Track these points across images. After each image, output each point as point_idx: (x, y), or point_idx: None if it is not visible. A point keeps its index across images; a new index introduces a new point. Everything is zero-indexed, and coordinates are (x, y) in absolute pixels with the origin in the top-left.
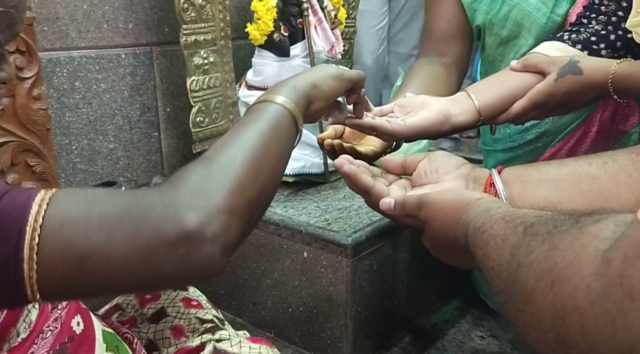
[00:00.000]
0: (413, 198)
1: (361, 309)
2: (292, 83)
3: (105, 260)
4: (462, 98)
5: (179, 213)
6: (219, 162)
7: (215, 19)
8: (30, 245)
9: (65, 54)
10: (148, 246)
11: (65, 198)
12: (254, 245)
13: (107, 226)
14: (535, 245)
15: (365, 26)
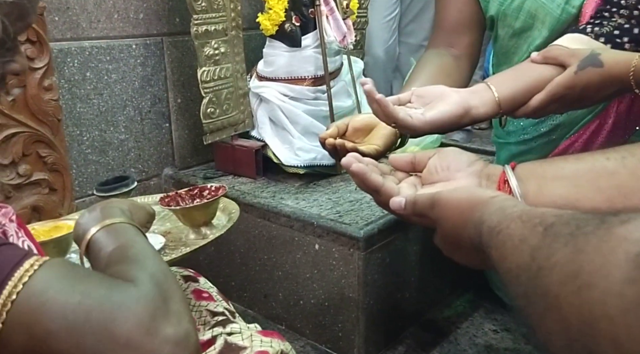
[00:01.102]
0: (425, 197)
1: (373, 303)
2: (115, 209)
3: (74, 343)
4: (482, 90)
5: (159, 314)
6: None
7: (226, 8)
8: (4, 301)
9: (76, 44)
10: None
11: (57, 266)
12: (265, 236)
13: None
14: (557, 247)
15: (376, 17)
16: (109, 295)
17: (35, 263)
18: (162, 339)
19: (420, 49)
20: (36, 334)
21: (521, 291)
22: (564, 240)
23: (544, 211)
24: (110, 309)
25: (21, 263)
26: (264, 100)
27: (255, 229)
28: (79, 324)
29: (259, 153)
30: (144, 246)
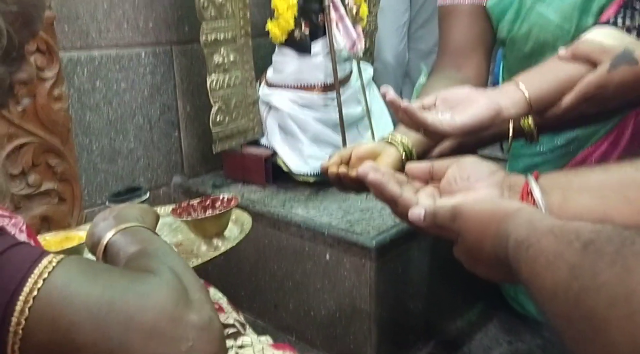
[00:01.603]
0: (445, 208)
1: (385, 314)
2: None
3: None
4: (512, 90)
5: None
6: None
7: (235, 16)
8: (26, 298)
9: (86, 54)
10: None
11: (75, 262)
12: (275, 246)
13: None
14: (602, 266)
15: (386, 23)
16: (131, 285)
17: (53, 259)
18: (187, 325)
19: (430, 55)
20: (60, 327)
21: (559, 312)
22: (610, 259)
23: (578, 226)
24: (134, 298)
25: (39, 260)
26: (274, 108)
27: (265, 238)
28: (102, 315)
29: (268, 161)
30: (162, 244)
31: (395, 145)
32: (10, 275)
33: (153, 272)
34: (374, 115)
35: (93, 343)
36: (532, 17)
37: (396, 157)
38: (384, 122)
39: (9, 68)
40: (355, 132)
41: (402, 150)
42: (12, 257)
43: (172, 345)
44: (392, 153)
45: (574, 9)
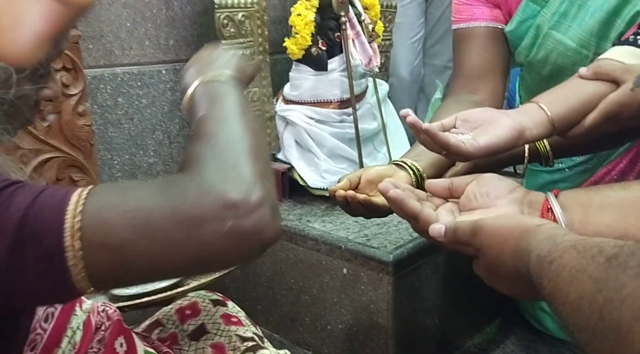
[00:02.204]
0: (466, 224)
1: (403, 329)
2: (219, 61)
3: (148, 241)
4: (534, 111)
5: (215, 187)
6: (224, 137)
7: (254, 34)
8: (71, 233)
9: (109, 71)
10: (191, 220)
11: (102, 188)
12: (292, 260)
13: (145, 207)
14: (626, 279)
15: (401, 38)
16: (161, 191)
17: (82, 192)
18: (221, 207)
19: (445, 71)
20: (113, 247)
21: (584, 324)
22: (633, 272)
23: (600, 241)
24: (167, 202)
25: (69, 197)
26: (290, 123)
27: (282, 252)
28: (143, 225)
29: (285, 175)
30: (229, 106)
31: (406, 168)
32: (49, 217)
33: (188, 168)
34: (389, 130)
35: (146, 250)
36: (549, 44)
37: (407, 180)
38: (400, 137)
39: (35, 86)
40: (371, 147)
41: (412, 173)
42: (45, 200)
43: (214, 229)
44: (402, 176)
45: (592, 36)
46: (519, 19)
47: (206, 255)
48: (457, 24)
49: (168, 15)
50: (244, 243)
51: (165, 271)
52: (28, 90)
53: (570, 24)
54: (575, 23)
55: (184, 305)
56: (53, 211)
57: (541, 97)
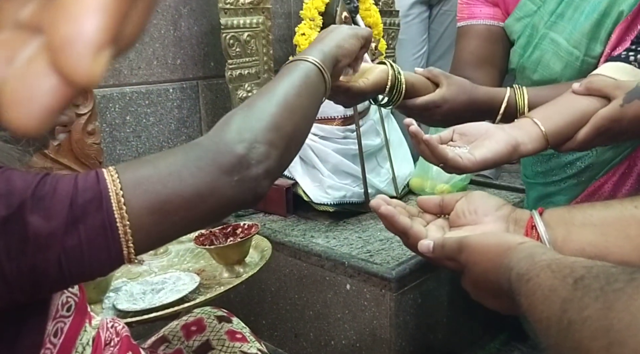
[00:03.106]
0: (452, 240)
1: (405, 344)
2: (319, 47)
3: (182, 199)
4: (528, 125)
5: (228, 146)
6: (257, 105)
7: (259, 53)
8: (118, 206)
9: (118, 90)
10: (212, 178)
11: (130, 165)
12: (296, 275)
13: (176, 171)
14: (588, 302)
15: (405, 54)
16: (186, 156)
17: (112, 171)
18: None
19: None
20: (156, 210)
21: (552, 343)
22: (595, 295)
23: (573, 262)
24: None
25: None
26: None
27: (286, 268)
28: (176, 186)
29: (289, 191)
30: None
31: (386, 63)
32: (93, 199)
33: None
34: (392, 146)
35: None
36: (545, 44)
37: (384, 69)
38: (403, 152)
39: None
40: (375, 163)
41: (390, 69)
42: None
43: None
44: (381, 66)
45: (583, 36)
46: (516, 16)
47: (221, 206)
48: (459, 22)
49: (175, 36)
50: (242, 195)
51: (193, 225)
52: None
53: (566, 24)
54: (570, 24)
55: (189, 321)
56: (96, 191)
57: (535, 112)
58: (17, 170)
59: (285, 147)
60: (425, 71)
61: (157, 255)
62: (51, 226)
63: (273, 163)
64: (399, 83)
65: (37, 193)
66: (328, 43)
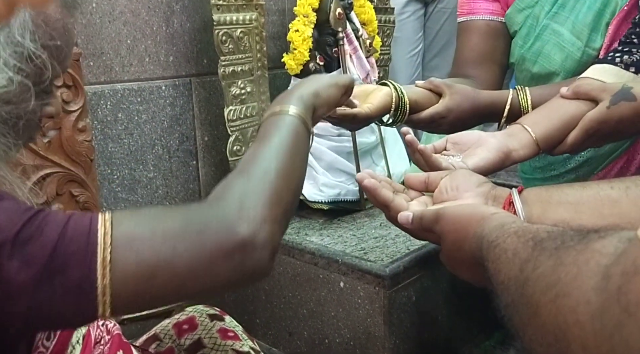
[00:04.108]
0: (430, 211)
1: (399, 342)
2: (297, 94)
3: (172, 273)
4: (519, 132)
5: (232, 225)
6: (256, 175)
7: (252, 49)
8: (102, 264)
9: (109, 87)
10: (210, 256)
11: (127, 218)
12: (289, 274)
13: (172, 241)
14: (542, 260)
15: (400, 52)
16: (185, 225)
17: (105, 223)
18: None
19: None
20: (140, 278)
21: (510, 301)
22: (549, 253)
23: (538, 228)
24: (190, 236)
25: (95, 228)
26: None
27: (279, 266)
28: (169, 257)
29: None
30: (273, 144)
31: (389, 85)
32: (78, 251)
33: (214, 200)
34: (388, 143)
35: (168, 280)
36: (546, 35)
37: (387, 92)
38: (398, 150)
39: (38, 101)
40: (369, 161)
41: (394, 90)
42: (72, 234)
43: (224, 265)
44: (384, 89)
45: (585, 26)
46: (518, 7)
47: (214, 285)
48: (459, 18)
49: (168, 32)
50: (243, 277)
51: (180, 298)
52: (34, 107)
53: (568, 15)
54: (573, 14)
55: (181, 320)
56: (82, 243)
57: (525, 118)
58: (7, 199)
59: (286, 219)
60: (426, 83)
61: None
62: (27, 274)
63: (277, 242)
64: (403, 103)
65: (22, 235)
66: (306, 90)
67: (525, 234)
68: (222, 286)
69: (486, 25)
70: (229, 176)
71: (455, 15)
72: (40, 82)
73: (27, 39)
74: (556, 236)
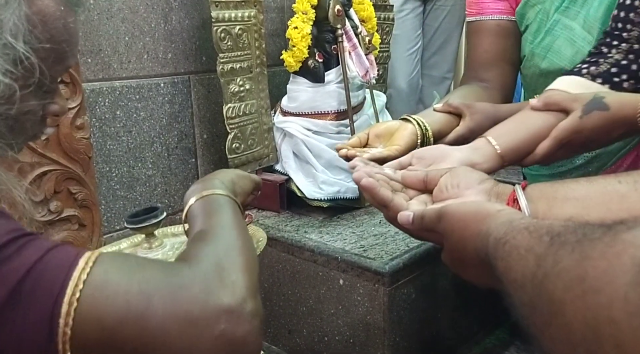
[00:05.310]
0: (432, 210)
1: (399, 340)
2: (217, 181)
3: (141, 327)
4: (483, 145)
5: (215, 290)
6: (221, 245)
7: (251, 46)
8: (70, 300)
9: (108, 84)
10: (186, 317)
11: (110, 260)
12: (289, 271)
13: (147, 292)
14: (563, 254)
15: (399, 50)
16: (165, 279)
17: (89, 261)
18: (217, 310)
19: (443, 81)
20: (106, 325)
21: (526, 299)
22: (570, 247)
23: (551, 223)
24: (168, 291)
25: (76, 262)
26: (288, 135)
27: (279, 263)
28: (141, 309)
29: (282, 186)
30: (224, 219)
31: (412, 122)
32: (51, 279)
33: (190, 262)
34: None
35: (137, 335)
36: (557, 30)
37: (412, 131)
38: None
39: (41, 101)
40: None
41: (418, 126)
42: (51, 261)
43: (206, 330)
44: (409, 128)
45: (596, 21)
46: (528, 3)
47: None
48: (469, 18)
49: (166, 29)
50: (229, 350)
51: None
52: (34, 106)
53: (579, 9)
54: (584, 9)
55: None
56: (57, 273)
57: (491, 131)
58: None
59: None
60: (445, 107)
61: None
62: None
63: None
64: (428, 138)
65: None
66: (224, 178)
67: (537, 229)
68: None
69: (496, 25)
70: (191, 245)
71: (453, 12)
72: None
73: (20, 41)
74: (575, 229)
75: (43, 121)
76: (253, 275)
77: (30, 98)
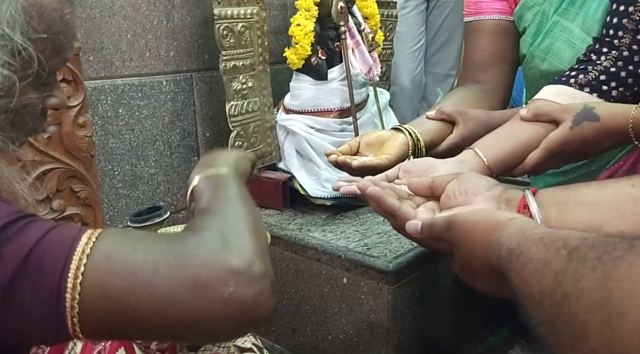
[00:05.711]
0: (441, 219)
1: (403, 338)
2: (220, 162)
3: (149, 295)
4: (471, 157)
5: (220, 253)
6: (227, 214)
7: (253, 44)
8: (75, 274)
9: (110, 82)
10: (195, 280)
11: (112, 234)
12: (292, 270)
13: (152, 259)
14: (584, 272)
15: (402, 47)
16: (170, 247)
17: (92, 235)
18: (226, 272)
19: (446, 79)
20: (113, 295)
21: (545, 318)
22: (591, 265)
23: (567, 234)
24: (174, 258)
25: (79, 238)
26: (291, 133)
27: (282, 262)
28: (148, 277)
29: (285, 185)
30: (230, 192)
31: (404, 132)
32: (55, 255)
33: (195, 230)
34: None
35: (145, 303)
36: (556, 32)
37: (404, 141)
38: None
39: (40, 94)
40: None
41: (410, 137)
42: (54, 238)
43: (216, 292)
44: (401, 138)
45: (595, 22)
46: (526, 5)
47: (202, 319)
48: (467, 18)
49: (168, 27)
50: (241, 312)
51: (159, 329)
52: (33, 99)
53: (578, 11)
54: (583, 10)
55: None
56: (61, 249)
57: (479, 142)
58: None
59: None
60: (437, 114)
61: None
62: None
63: (272, 273)
64: (419, 148)
65: (2, 235)
66: (227, 160)
67: (553, 241)
68: (214, 321)
69: (495, 25)
70: (197, 217)
71: (457, 9)
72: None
73: (18, 33)
74: (593, 244)
75: (43, 115)
76: (260, 239)
77: (30, 90)
